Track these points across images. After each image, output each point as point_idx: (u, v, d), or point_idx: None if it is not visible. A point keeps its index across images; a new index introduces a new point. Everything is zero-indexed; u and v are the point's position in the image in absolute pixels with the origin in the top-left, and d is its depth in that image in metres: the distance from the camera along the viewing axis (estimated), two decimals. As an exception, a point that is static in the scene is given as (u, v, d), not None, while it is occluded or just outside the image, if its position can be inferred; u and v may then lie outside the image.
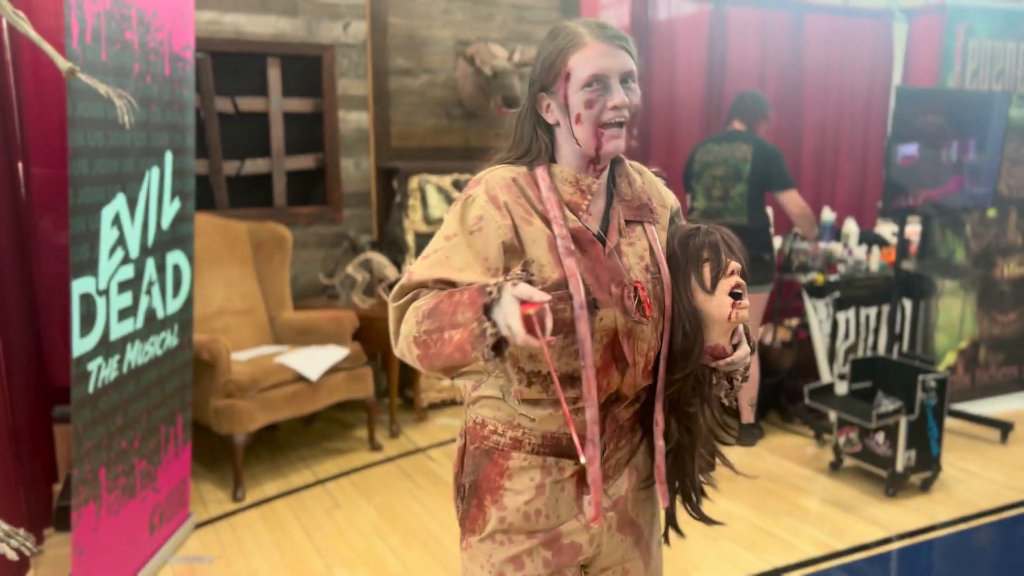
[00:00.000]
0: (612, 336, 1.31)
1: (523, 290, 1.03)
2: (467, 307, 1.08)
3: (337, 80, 4.35)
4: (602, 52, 1.28)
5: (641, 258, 1.36)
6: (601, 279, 1.31)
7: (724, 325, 1.33)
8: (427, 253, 1.28)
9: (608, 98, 1.28)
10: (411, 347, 1.17)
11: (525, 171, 1.35)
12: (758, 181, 3.83)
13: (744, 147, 3.87)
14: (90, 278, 2.28)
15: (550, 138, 1.37)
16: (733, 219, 3.88)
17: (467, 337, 1.07)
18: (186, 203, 2.89)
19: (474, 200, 1.30)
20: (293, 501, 3.44)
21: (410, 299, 1.22)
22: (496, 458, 1.37)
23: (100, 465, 2.41)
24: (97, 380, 2.35)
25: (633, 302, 1.32)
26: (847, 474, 3.70)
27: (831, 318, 4.14)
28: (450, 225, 1.30)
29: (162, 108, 2.65)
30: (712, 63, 5.40)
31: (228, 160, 4.20)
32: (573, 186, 1.34)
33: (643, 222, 1.39)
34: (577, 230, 1.32)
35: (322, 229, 4.44)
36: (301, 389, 3.62)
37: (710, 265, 1.34)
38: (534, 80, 1.35)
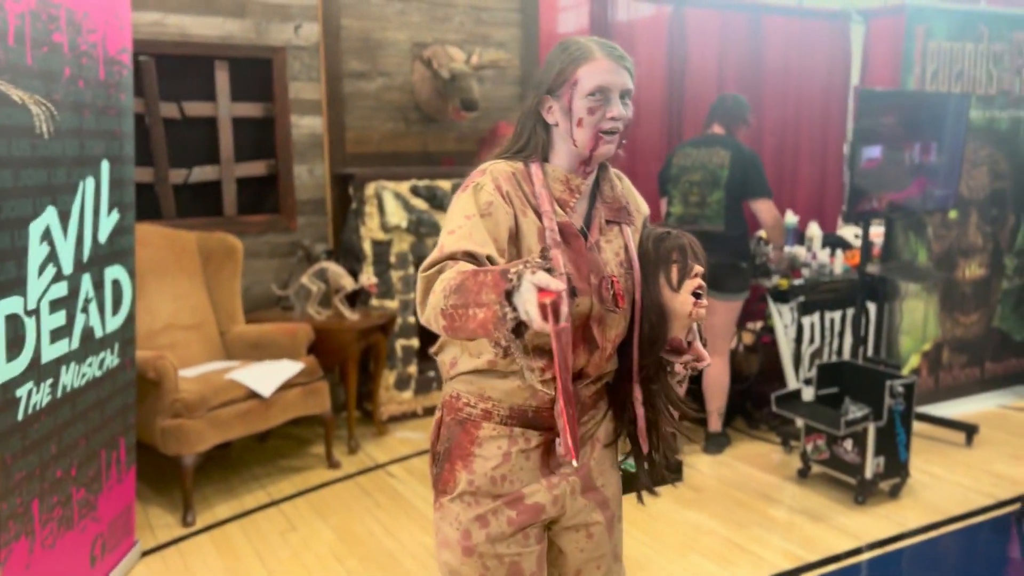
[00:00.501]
0: (584, 321, 1.46)
1: (541, 278, 1.10)
2: (491, 288, 1.15)
3: (289, 84, 4.21)
4: (609, 68, 1.44)
5: (617, 254, 1.52)
6: (582, 269, 1.46)
7: (685, 320, 1.50)
8: (452, 228, 1.38)
9: (608, 109, 1.44)
10: (438, 318, 1.24)
11: (521, 167, 1.50)
12: (736, 188, 3.76)
13: (723, 152, 3.80)
14: (17, 298, 2.13)
15: (547, 137, 1.51)
16: (710, 226, 3.80)
17: (490, 317, 1.15)
18: (125, 215, 2.73)
19: (482, 187, 1.43)
20: (246, 524, 3.29)
21: (438, 271, 1.30)
22: (468, 427, 1.52)
23: (33, 497, 2.25)
24: (27, 407, 2.20)
25: (609, 293, 1.47)
26: (815, 482, 3.65)
27: (796, 323, 4.10)
28: (466, 207, 1.41)
29: (96, 114, 2.50)
30: (672, 65, 5.35)
31: (175, 168, 4.03)
32: (564, 184, 1.49)
33: (621, 223, 1.55)
34: (564, 224, 1.47)
35: (275, 238, 4.29)
36: (254, 406, 3.47)
37: (678, 266, 1.49)
38: (541, 83, 1.50)
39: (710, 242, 3.80)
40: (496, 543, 1.51)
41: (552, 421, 1.52)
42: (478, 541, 1.51)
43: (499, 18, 4.74)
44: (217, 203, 4.17)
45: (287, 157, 4.25)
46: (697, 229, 3.83)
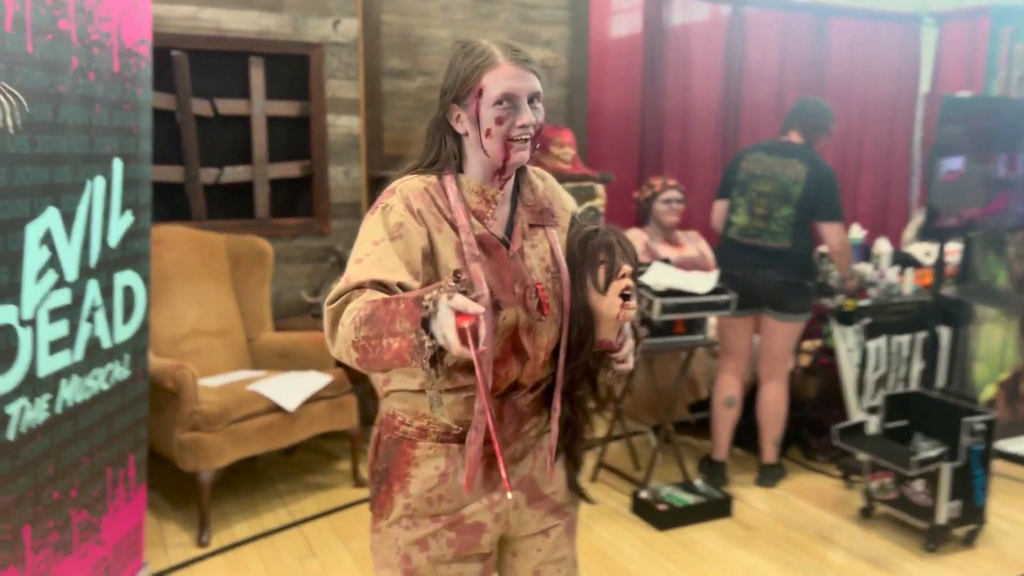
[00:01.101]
0: (513, 332, 1.44)
1: (458, 302, 1.09)
2: (405, 317, 1.14)
3: (326, 81, 4.03)
4: (513, 74, 1.38)
5: (542, 259, 1.49)
6: (505, 280, 1.43)
7: (613, 323, 1.46)
8: (359, 257, 1.34)
9: (517, 117, 1.39)
10: (350, 351, 1.22)
11: (435, 180, 1.44)
12: (807, 206, 3.46)
13: (799, 166, 3.49)
14: (10, 307, 1.95)
15: (458, 147, 1.46)
16: (775, 242, 3.51)
17: (406, 347, 1.14)
18: (140, 217, 2.56)
19: (391, 208, 1.38)
20: (264, 546, 3.10)
21: (344, 301, 1.27)
22: (404, 447, 1.49)
23: (24, 522, 2.08)
24: (20, 424, 2.02)
25: (534, 302, 1.45)
26: (880, 523, 3.33)
27: (861, 347, 3.78)
28: (374, 231, 1.36)
29: (109, 109, 2.32)
30: (729, 69, 5.08)
31: (206, 167, 3.88)
32: (479, 196, 1.45)
33: (544, 226, 1.52)
34: (483, 236, 1.44)
35: (307, 242, 4.11)
36: (277, 420, 3.28)
37: (604, 267, 1.45)
38: (447, 91, 1.44)
39: (773, 259, 3.53)
40: (437, 565, 1.49)
41: (489, 435, 1.48)
42: (419, 564, 1.49)
43: (547, 16, 4.51)
44: (249, 205, 4.01)
45: (322, 158, 4.07)
46: (760, 244, 3.55)
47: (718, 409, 3.69)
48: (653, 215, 4.18)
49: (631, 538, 3.18)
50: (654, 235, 4.19)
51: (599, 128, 4.77)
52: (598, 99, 4.73)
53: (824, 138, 3.65)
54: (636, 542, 3.15)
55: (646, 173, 4.79)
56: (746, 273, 3.53)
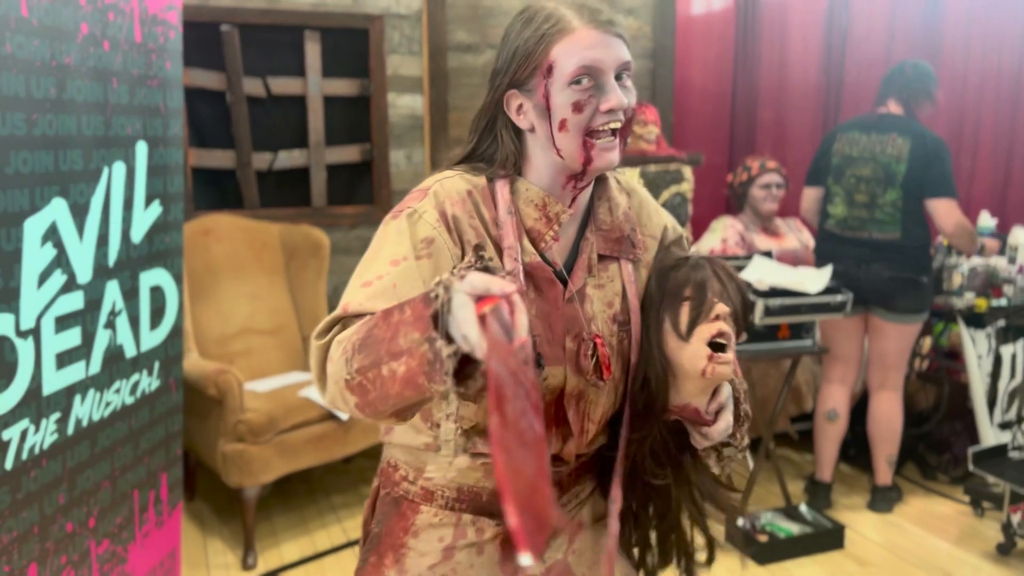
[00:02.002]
0: (557, 397, 1.14)
1: (477, 281, 0.76)
2: (411, 326, 0.81)
3: (386, 57, 3.70)
4: (595, 41, 1.06)
5: (610, 304, 1.18)
6: (555, 329, 1.13)
7: (698, 382, 1.10)
8: (368, 279, 1.05)
9: (603, 99, 1.07)
10: (344, 394, 0.91)
11: (484, 183, 1.13)
12: (915, 186, 3.01)
13: (899, 140, 3.05)
14: (5, 315, 1.67)
15: (519, 145, 1.14)
16: (881, 233, 3.07)
17: (416, 368, 0.81)
18: (171, 208, 2.27)
19: (421, 217, 1.08)
20: (313, 571, 2.81)
21: (336, 332, 0.98)
22: (404, 509, 1.21)
23: (28, 562, 1.81)
24: (21, 450, 1.75)
25: (590, 361, 1.14)
26: (1021, 562, 2.85)
27: (993, 353, 3.28)
28: (396, 246, 1.07)
29: (129, 85, 2.03)
30: (831, 40, 4.63)
31: (258, 152, 3.60)
32: (539, 210, 1.13)
33: (620, 259, 1.20)
34: (534, 265, 1.12)
35: (367, 232, 3.80)
36: (330, 430, 2.99)
37: (690, 305, 1.12)
38: (501, 72, 1.12)
39: (881, 252, 3.06)
40: None
41: None
42: None
43: (630, -19, 4.09)
44: (304, 192, 3.72)
45: (383, 141, 3.75)
46: (865, 236, 3.10)
47: (820, 424, 3.25)
48: (749, 201, 3.74)
49: (723, 572, 2.78)
50: (750, 224, 3.75)
51: (686, 105, 4.39)
52: (685, 73, 4.35)
53: (928, 105, 3.19)
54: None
55: (736, 155, 4.38)
56: (848, 268, 3.11)
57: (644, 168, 3.63)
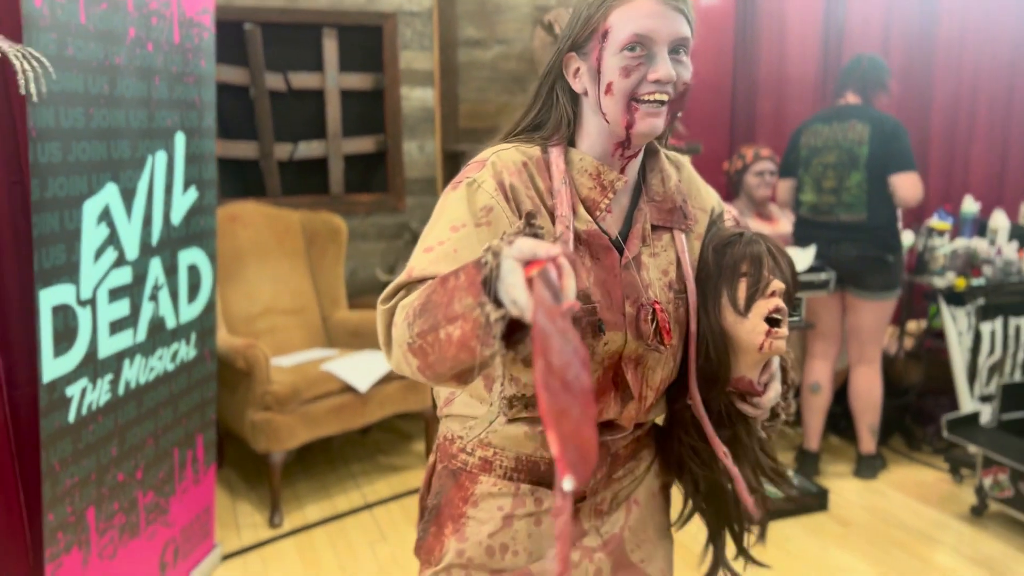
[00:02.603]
0: (616, 361, 1.13)
1: (524, 246, 0.76)
2: (465, 291, 0.81)
3: (400, 53, 3.91)
4: (653, 11, 1.06)
5: (665, 272, 1.18)
6: (613, 295, 1.12)
7: (755, 355, 1.14)
8: (430, 244, 1.04)
9: (651, 68, 1.06)
10: (408, 357, 0.91)
11: (539, 153, 1.13)
12: (878, 166, 3.20)
13: (859, 126, 3.25)
14: (68, 286, 1.90)
15: (574, 110, 1.14)
16: (848, 215, 3.27)
17: (470, 332, 0.80)
18: (205, 193, 2.50)
19: (480, 186, 1.08)
20: (334, 530, 3.04)
21: (400, 297, 0.97)
22: (462, 480, 1.21)
23: (87, 505, 2.05)
24: (81, 406, 1.98)
25: (650, 326, 1.13)
26: (993, 523, 3.05)
27: (973, 329, 3.47)
28: (456, 213, 1.06)
29: (169, 82, 2.25)
30: (828, 33, 4.76)
31: (280, 143, 3.82)
32: (594, 179, 1.13)
33: (673, 229, 1.20)
34: (591, 233, 1.12)
35: (382, 219, 4.03)
36: (349, 401, 3.21)
37: (747, 281, 1.14)
38: (565, 36, 1.13)
39: (851, 232, 3.25)
40: None
41: None
42: None
43: (631, -22, 4.27)
44: (323, 181, 3.94)
45: (396, 132, 3.97)
46: (834, 220, 3.30)
47: (805, 396, 3.46)
48: (744, 188, 3.93)
49: (716, 531, 2.99)
50: (745, 210, 3.95)
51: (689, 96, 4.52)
52: (686, 66, 4.48)
53: (883, 94, 3.37)
54: (722, 536, 2.96)
55: (737, 143, 4.54)
56: (820, 250, 3.31)
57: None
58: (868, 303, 3.29)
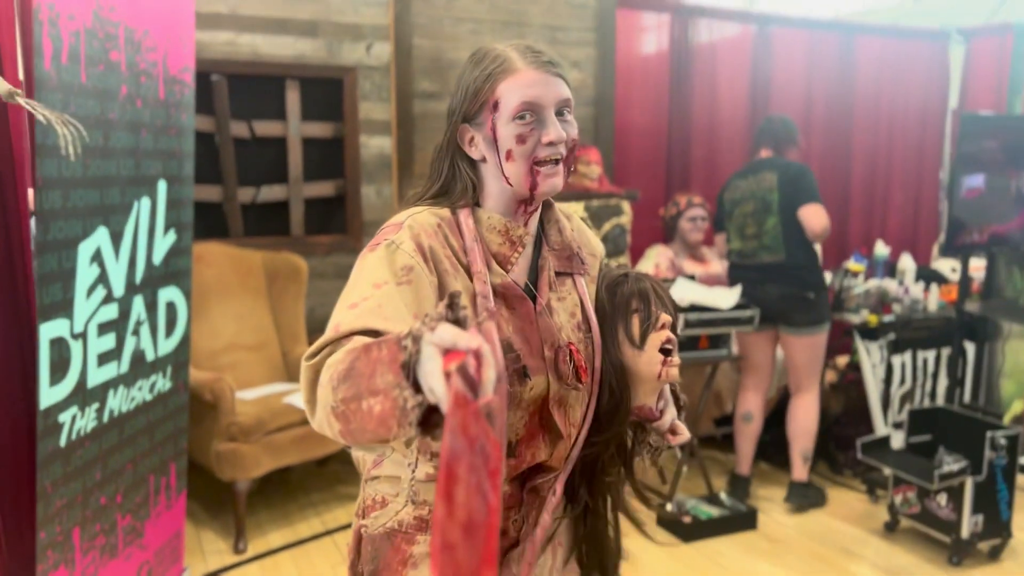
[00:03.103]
0: (540, 405, 1.20)
1: (445, 335, 0.74)
2: (387, 366, 0.81)
3: (359, 103, 4.16)
4: (535, 80, 1.15)
5: (572, 315, 1.25)
6: (532, 341, 1.19)
7: (653, 384, 1.24)
8: (354, 301, 1.05)
9: (543, 132, 1.16)
10: (331, 420, 0.90)
11: (449, 214, 1.20)
12: (789, 207, 3.49)
13: (769, 175, 3.57)
14: (63, 320, 2.08)
15: (474, 175, 1.22)
16: (769, 256, 3.56)
17: (389, 410, 0.80)
18: (183, 235, 2.69)
19: (399, 247, 1.12)
20: (298, 554, 3.20)
21: (326, 354, 0.97)
22: (398, 543, 1.21)
23: (73, 525, 2.20)
24: (71, 432, 2.14)
25: (569, 366, 1.20)
26: (904, 537, 3.35)
27: (885, 362, 3.81)
28: (377, 272, 1.09)
29: (155, 134, 2.46)
30: (756, 87, 5.14)
31: (243, 187, 4.02)
32: (502, 236, 1.21)
33: (573, 274, 1.28)
34: (506, 286, 1.19)
35: (341, 259, 4.23)
36: (310, 432, 3.38)
37: (639, 317, 1.25)
38: (454, 110, 1.22)
39: (772, 273, 3.58)
40: None
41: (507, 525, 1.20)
42: None
43: (574, 38, 4.61)
44: (284, 223, 4.14)
45: (355, 177, 4.20)
46: (758, 262, 3.59)
47: (738, 424, 3.74)
48: (679, 232, 4.24)
49: (656, 550, 3.24)
50: (680, 252, 4.26)
51: (626, 146, 4.85)
52: (625, 117, 4.81)
53: (793, 149, 3.71)
54: (661, 554, 3.20)
55: (673, 190, 4.85)
56: (748, 290, 3.59)
57: (588, 203, 4.12)
58: (798, 339, 3.55)
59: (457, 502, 0.65)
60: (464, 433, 0.68)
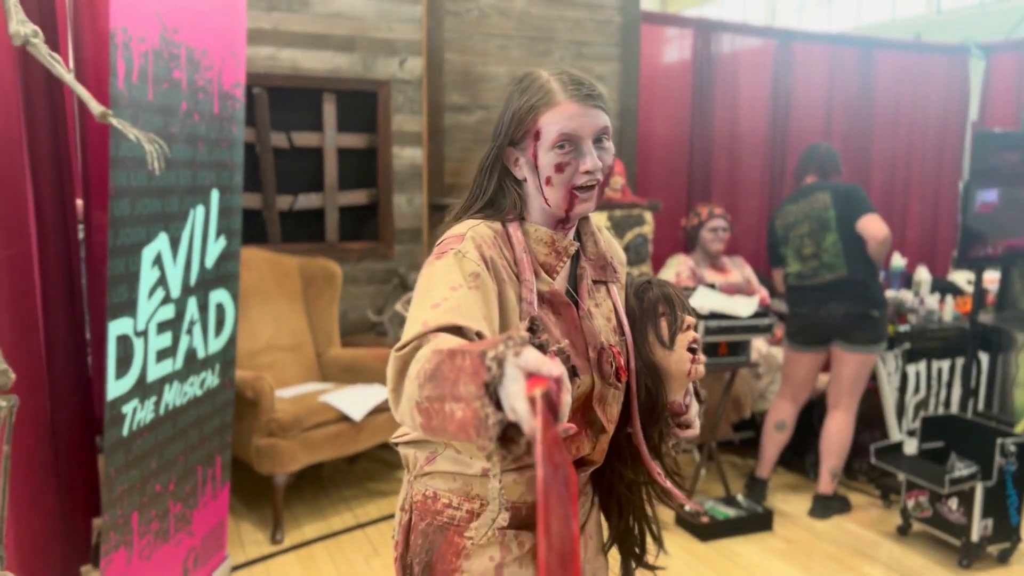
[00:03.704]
0: (584, 402, 1.29)
1: (531, 360, 0.80)
2: (469, 377, 0.85)
3: (392, 116, 4.33)
4: (574, 113, 1.23)
5: (608, 319, 1.35)
6: (577, 344, 1.28)
7: (682, 380, 1.34)
8: (436, 301, 1.11)
9: (580, 162, 1.24)
10: (414, 413, 0.96)
11: (500, 227, 1.29)
12: (846, 222, 3.52)
13: (822, 195, 3.60)
14: (128, 319, 2.25)
15: (520, 191, 1.31)
16: (831, 274, 3.55)
17: (470, 419, 0.85)
18: (232, 241, 2.86)
19: (465, 256, 1.20)
20: (332, 546, 3.35)
21: (414, 348, 1.02)
22: (451, 535, 1.28)
23: (132, 510, 2.36)
24: (132, 423, 2.31)
25: (610, 366, 1.30)
26: (916, 540, 3.46)
27: (900, 371, 3.92)
28: (450, 276, 1.16)
29: (209, 146, 2.63)
30: (777, 99, 5.26)
31: (282, 195, 4.19)
32: (549, 247, 1.30)
33: (607, 282, 1.38)
34: (553, 293, 1.28)
35: (373, 265, 4.40)
36: (344, 429, 3.55)
37: (667, 319, 1.35)
38: (501, 132, 1.30)
39: (835, 291, 3.61)
40: None
41: None
42: None
43: (599, 52, 4.76)
44: (320, 230, 4.31)
45: (388, 187, 4.37)
46: (819, 282, 3.59)
47: (768, 430, 3.80)
48: (700, 242, 4.37)
49: (674, 549, 3.36)
50: (700, 261, 4.39)
51: (649, 157, 4.98)
52: (647, 128, 4.94)
53: (837, 176, 3.75)
54: (680, 552, 3.33)
55: (694, 201, 4.98)
56: (810, 310, 3.60)
57: (611, 213, 4.26)
58: (852, 355, 3.55)
59: (553, 534, 0.68)
60: (551, 461, 0.70)
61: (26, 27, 1.85)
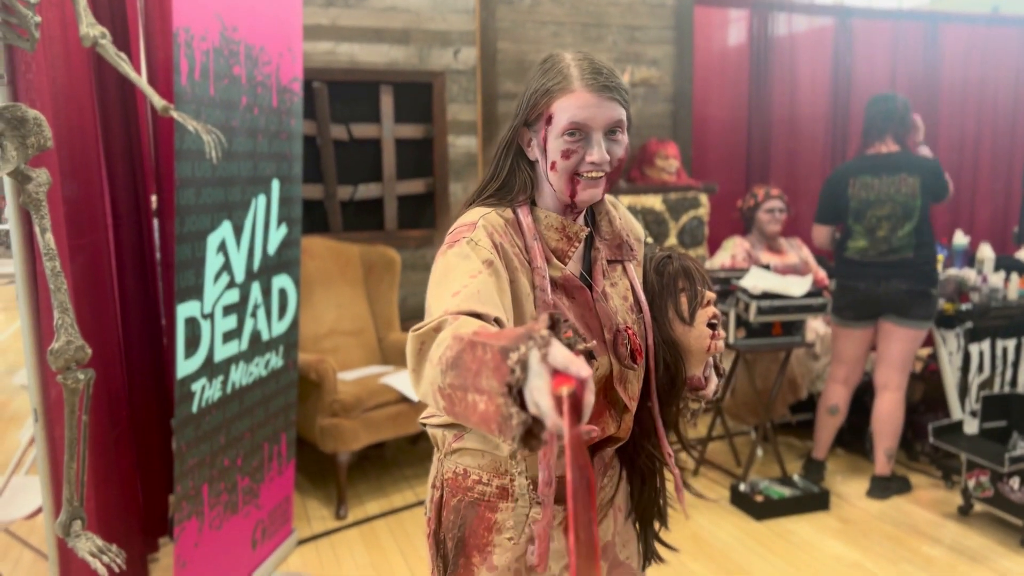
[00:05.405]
0: (605, 383, 1.30)
1: (559, 357, 0.76)
2: (491, 372, 0.82)
3: (447, 106, 4.42)
4: (587, 102, 1.21)
5: (625, 299, 1.34)
6: (592, 327, 1.28)
7: (702, 356, 1.34)
8: (456, 289, 1.11)
9: (588, 152, 1.23)
10: (436, 397, 0.94)
11: (511, 215, 1.30)
12: (927, 208, 3.52)
13: (910, 180, 3.51)
14: (195, 303, 2.39)
15: (532, 174, 1.31)
16: (896, 256, 3.53)
17: (492, 413, 0.83)
18: (293, 229, 2.99)
19: (478, 244, 1.20)
20: (393, 522, 3.48)
21: (433, 329, 0.99)
22: (482, 511, 1.30)
23: (203, 482, 2.51)
24: (201, 400, 2.46)
25: (626, 348, 1.30)
26: (978, 520, 3.41)
27: (962, 350, 3.85)
28: (467, 264, 1.17)
29: (269, 139, 2.76)
30: (837, 79, 5.19)
31: (342, 185, 4.33)
32: (560, 232, 1.30)
33: (623, 261, 1.37)
34: (566, 278, 1.28)
35: (431, 252, 4.51)
36: (404, 410, 3.67)
37: (687, 295, 1.33)
38: (518, 112, 1.31)
39: (899, 269, 3.61)
40: None
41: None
42: None
43: (653, 36, 4.76)
44: (379, 218, 4.44)
45: (444, 175, 4.47)
46: (884, 260, 3.56)
47: (822, 415, 3.79)
48: (756, 224, 4.35)
49: (729, 527, 3.39)
50: (756, 243, 4.37)
51: (705, 140, 4.97)
52: (703, 112, 4.93)
53: (913, 133, 3.65)
54: (734, 531, 3.35)
55: (752, 183, 4.95)
56: (869, 285, 3.55)
57: (666, 196, 4.29)
58: (905, 330, 3.53)
59: (581, 540, 0.69)
60: (576, 463, 0.70)
61: (95, 29, 1.99)
